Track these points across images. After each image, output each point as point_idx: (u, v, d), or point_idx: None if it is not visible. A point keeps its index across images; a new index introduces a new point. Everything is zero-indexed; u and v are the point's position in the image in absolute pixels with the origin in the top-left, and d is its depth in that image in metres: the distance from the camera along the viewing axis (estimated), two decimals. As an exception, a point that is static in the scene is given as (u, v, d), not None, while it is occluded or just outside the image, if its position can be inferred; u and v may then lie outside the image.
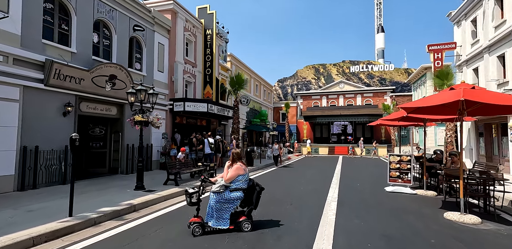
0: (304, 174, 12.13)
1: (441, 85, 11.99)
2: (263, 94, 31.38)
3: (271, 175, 11.67)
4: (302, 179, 10.34)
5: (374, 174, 11.93)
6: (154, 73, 12.20)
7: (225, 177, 4.52)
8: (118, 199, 6.28)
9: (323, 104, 32.75)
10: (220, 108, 14.49)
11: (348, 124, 31.11)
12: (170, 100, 12.95)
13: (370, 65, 37.29)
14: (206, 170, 9.87)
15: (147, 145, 11.48)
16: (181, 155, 9.30)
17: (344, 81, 33.60)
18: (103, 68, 9.09)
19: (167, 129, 12.88)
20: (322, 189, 8.15)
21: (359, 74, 42.85)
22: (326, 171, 12.94)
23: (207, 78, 15.33)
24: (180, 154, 9.28)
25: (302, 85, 45.38)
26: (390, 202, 6.64)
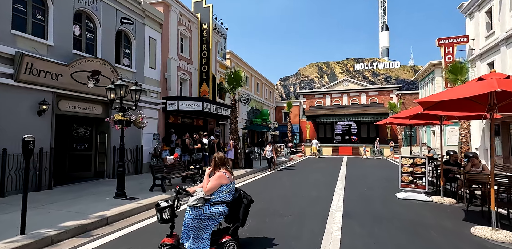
0: (306, 177, 11.26)
1: (454, 80, 11.04)
2: (265, 93, 30.53)
3: (270, 179, 10.82)
4: (303, 184, 9.47)
5: (382, 177, 11.01)
6: (145, 69, 11.42)
7: (205, 188, 3.69)
8: (91, 209, 5.48)
9: (326, 103, 31.81)
10: (217, 107, 13.68)
11: (353, 123, 30.13)
12: (163, 98, 12.16)
13: (375, 62, 36.19)
14: (199, 174, 9.06)
15: (137, 146, 10.70)
16: (171, 158, 8.49)
17: (348, 79, 32.64)
18: (84, 62, 8.32)
19: (160, 129, 12.09)
20: (325, 196, 7.28)
21: (363, 72, 41.73)
22: (330, 174, 12.05)
23: (204, 75, 14.53)
24: (170, 157, 8.47)
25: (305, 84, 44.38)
26: (404, 212, 5.75)
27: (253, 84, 26.81)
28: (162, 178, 7.45)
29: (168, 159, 8.39)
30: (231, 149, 12.90)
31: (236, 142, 13.60)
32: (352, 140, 29.60)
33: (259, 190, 8.29)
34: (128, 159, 10.23)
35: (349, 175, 11.76)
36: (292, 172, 13.12)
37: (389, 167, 15.44)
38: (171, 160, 8.45)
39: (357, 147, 26.23)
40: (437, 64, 22.05)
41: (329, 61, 44.55)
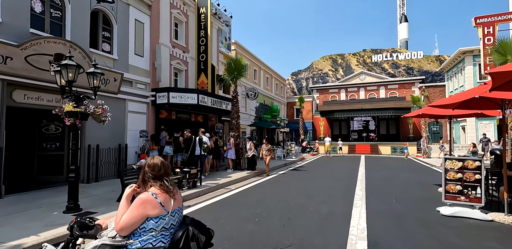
0: (318, 181, 9.45)
1: (503, 62, 8.90)
2: (275, 88, 28.72)
3: (274, 183, 9.10)
4: (313, 191, 7.69)
5: (412, 182, 9.06)
6: (130, 57, 9.92)
7: (116, 224, 2.00)
8: (15, 233, 3.98)
9: (341, 98, 29.62)
10: (215, 100, 12.05)
11: (370, 119, 27.81)
12: (152, 90, 10.65)
13: (395, 53, 33.43)
14: (186, 178, 7.47)
15: (120, 145, 9.23)
16: (142, 162, 6.91)
17: (365, 72, 30.26)
18: (43, 44, 6.86)
19: (149, 125, 10.60)
20: (341, 211, 5.50)
21: (382, 64, 38.89)
22: (347, 177, 10.18)
23: (202, 65, 12.94)
24: (142, 161, 6.89)
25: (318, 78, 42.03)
26: (458, 241, 3.90)
27: (262, 78, 25.06)
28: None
29: (142, 161, 6.81)
30: (231, 148, 11.28)
31: (238, 140, 11.96)
32: (370, 137, 27.33)
33: (256, 199, 6.61)
34: (108, 161, 8.80)
35: (370, 178, 9.86)
36: (301, 174, 11.33)
37: (416, 168, 13.34)
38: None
39: (375, 145, 24.03)
40: (467, 52, 19.52)
41: (344, 53, 41.78)
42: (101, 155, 8.51)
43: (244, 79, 21.06)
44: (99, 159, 8.42)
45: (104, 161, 8.64)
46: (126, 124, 9.62)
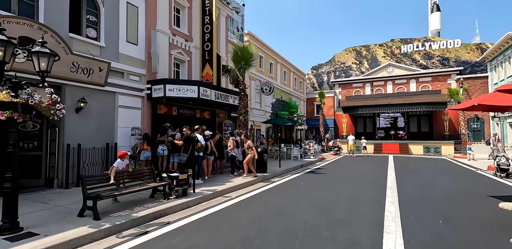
0: (337, 189, 7.81)
1: None
2: (293, 83, 26.97)
3: (283, 191, 7.58)
4: (330, 204, 6.10)
5: (460, 192, 7.18)
6: (121, 44, 8.78)
7: None
8: None
9: (366, 92, 27.27)
10: (221, 93, 10.69)
11: (399, 115, 25.30)
12: (148, 82, 9.48)
13: (428, 42, 30.14)
14: (173, 185, 6.15)
15: (108, 145, 8.13)
16: (121, 162, 5.62)
17: (393, 64, 27.61)
18: (2, 24, 5.79)
19: (144, 122, 9.44)
20: (367, 241, 3.91)
21: (412, 54, 35.48)
22: (373, 184, 8.44)
23: (206, 55, 11.61)
24: (119, 161, 5.61)
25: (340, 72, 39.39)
26: None
27: (279, 71, 23.44)
28: (94, 197, 4.65)
29: (117, 164, 5.53)
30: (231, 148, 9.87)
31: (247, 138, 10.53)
32: (399, 135, 24.87)
33: (255, 214, 5.16)
34: (93, 162, 7.72)
35: (403, 186, 8.06)
36: (318, 178, 9.70)
37: (458, 172, 11.22)
38: (121, 163, 5.57)
39: (405, 144, 21.67)
40: (519, 35, 16.71)
41: (370, 44, 38.71)
42: (83, 155, 7.44)
43: (259, 73, 19.60)
44: (81, 160, 7.34)
45: (87, 162, 7.57)
46: (116, 121, 8.52)
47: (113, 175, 5.30)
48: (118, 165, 5.51)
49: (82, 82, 7.44)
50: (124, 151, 5.62)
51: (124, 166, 5.63)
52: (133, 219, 4.71)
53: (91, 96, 7.77)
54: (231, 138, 9.84)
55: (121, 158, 5.62)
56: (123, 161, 5.57)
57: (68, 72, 7.05)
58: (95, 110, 7.92)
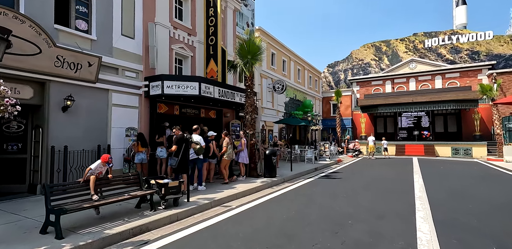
0: (354, 198, 6.69)
1: None
2: (308, 81, 25.77)
3: (290, 201, 6.56)
4: (345, 218, 5.04)
5: (504, 203, 5.88)
6: (115, 38, 8.11)
7: None
8: None
9: (386, 90, 25.61)
10: (225, 91, 9.83)
11: (423, 115, 23.52)
12: (146, 79, 8.77)
13: (455, 35, 27.85)
14: (161, 194, 5.31)
15: (100, 147, 7.44)
16: (98, 167, 4.79)
17: (416, 60, 25.76)
18: (-29, 13, 5.20)
19: (142, 122, 8.73)
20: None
21: (438, 49, 33.05)
22: (398, 193, 7.25)
23: (211, 50, 10.81)
24: (98, 163, 4.78)
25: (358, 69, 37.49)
26: None
27: (292, 69, 22.36)
28: (57, 210, 3.87)
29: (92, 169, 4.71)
30: (242, 150, 8.97)
31: (253, 140, 9.63)
32: (423, 136, 23.10)
33: (253, 230, 4.20)
34: (83, 166, 7.03)
35: (435, 195, 6.82)
36: (333, 184, 8.59)
37: (496, 177, 9.70)
38: (99, 169, 4.76)
39: (431, 145, 19.96)
40: None
41: (390, 39, 36.46)
42: (71, 159, 6.78)
43: (271, 71, 18.64)
44: (68, 164, 6.68)
45: (76, 166, 6.90)
46: (110, 120, 7.84)
47: (93, 186, 4.51)
48: (95, 169, 4.68)
49: (69, 78, 6.79)
50: (108, 155, 4.82)
51: (103, 171, 4.82)
52: (104, 237, 3.89)
53: (81, 94, 7.12)
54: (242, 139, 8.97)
55: (103, 161, 4.80)
56: (103, 166, 4.77)
57: (53, 67, 6.41)
58: (85, 108, 7.27)
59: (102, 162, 4.71)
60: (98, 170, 4.70)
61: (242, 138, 9.10)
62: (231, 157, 8.09)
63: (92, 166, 4.65)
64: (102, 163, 4.71)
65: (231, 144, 8.17)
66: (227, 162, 8.10)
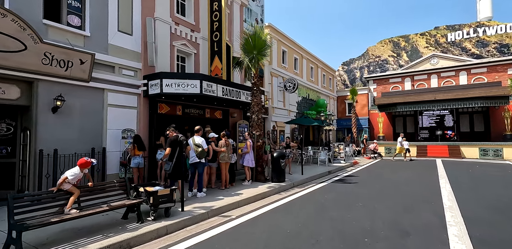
0: (371, 209, 5.85)
1: None
2: (322, 80, 24.79)
3: (297, 210, 5.80)
4: (362, 235, 4.25)
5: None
6: (111, 34, 7.65)
7: None
8: None
9: (405, 88, 24.20)
10: (230, 89, 9.20)
11: (447, 113, 22.00)
12: (144, 78, 8.27)
13: (481, 27, 25.93)
14: (149, 204, 4.72)
15: (94, 150, 6.97)
16: (76, 174, 4.22)
17: (438, 55, 24.19)
18: None
19: (141, 123, 8.23)
20: None
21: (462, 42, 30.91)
22: (424, 202, 6.33)
23: (215, 46, 10.22)
24: (75, 170, 4.22)
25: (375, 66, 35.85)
26: None
27: (305, 67, 21.49)
28: (18, 226, 3.33)
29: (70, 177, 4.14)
30: (248, 152, 8.30)
31: (260, 141, 8.94)
32: (447, 136, 21.59)
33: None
34: (75, 170, 6.57)
35: (468, 206, 5.86)
36: (348, 191, 7.72)
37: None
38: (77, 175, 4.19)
39: (456, 146, 18.53)
40: None
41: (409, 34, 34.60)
42: (62, 163, 6.33)
43: (282, 69, 17.89)
44: (58, 168, 6.23)
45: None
46: (105, 122, 7.37)
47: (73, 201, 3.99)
48: (73, 177, 4.15)
49: (59, 76, 6.36)
50: (85, 159, 4.27)
51: (81, 178, 4.28)
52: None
53: (72, 93, 6.68)
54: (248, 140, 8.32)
55: (81, 167, 4.27)
56: (81, 172, 4.23)
57: (40, 65, 5.98)
58: (78, 109, 6.83)
59: (80, 168, 4.17)
60: (77, 178, 4.16)
61: (248, 140, 8.44)
62: (225, 160, 7.43)
63: (68, 174, 4.09)
64: (81, 169, 4.17)
65: (227, 146, 7.50)
66: (223, 166, 7.45)
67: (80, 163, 4.17)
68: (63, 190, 4.00)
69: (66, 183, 4.05)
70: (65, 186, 4.03)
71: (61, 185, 4.00)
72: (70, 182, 4.08)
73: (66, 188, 4.03)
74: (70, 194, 4.06)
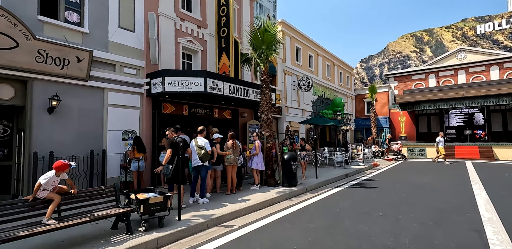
0: (394, 220, 5.07)
1: None
2: (339, 78, 23.79)
3: (309, 220, 5.12)
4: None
5: None
6: (111, 31, 7.33)
7: None
8: None
9: (430, 85, 22.72)
10: (237, 87, 8.67)
11: (476, 111, 20.40)
12: (147, 76, 7.89)
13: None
14: (140, 213, 4.24)
15: (93, 152, 6.63)
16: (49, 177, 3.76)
17: (466, 49, 22.51)
18: None
19: (144, 124, 7.85)
20: None
21: (493, 35, 28.59)
22: (455, 210, 5.46)
23: (223, 42, 9.73)
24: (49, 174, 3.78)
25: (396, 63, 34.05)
26: None
27: (320, 65, 20.63)
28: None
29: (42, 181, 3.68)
30: (256, 154, 7.71)
31: (270, 142, 8.33)
32: (477, 136, 19.99)
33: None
34: (73, 174, 6.27)
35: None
36: (367, 197, 6.93)
37: None
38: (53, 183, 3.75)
39: (488, 146, 17.01)
40: None
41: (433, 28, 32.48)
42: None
43: (296, 67, 17.18)
44: (54, 171, 5.91)
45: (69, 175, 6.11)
46: (106, 123, 7.04)
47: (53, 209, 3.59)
48: (46, 181, 3.65)
49: (55, 75, 6.07)
50: (62, 161, 3.83)
51: (58, 182, 3.83)
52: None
53: (70, 93, 6.38)
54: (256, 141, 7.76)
55: (57, 170, 3.79)
56: (57, 177, 3.78)
57: (34, 63, 5.70)
58: (76, 109, 6.52)
59: (55, 171, 3.73)
60: (53, 184, 3.74)
61: (256, 141, 7.85)
62: (231, 163, 6.87)
63: (42, 179, 3.66)
64: (56, 172, 3.73)
65: (234, 148, 6.94)
66: (229, 169, 6.90)
67: (56, 166, 3.73)
68: (40, 199, 3.58)
69: (43, 191, 3.63)
70: (41, 194, 3.61)
71: (36, 192, 3.59)
72: (46, 189, 3.66)
73: (42, 196, 3.61)
74: (50, 202, 3.64)
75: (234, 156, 6.95)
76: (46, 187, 3.66)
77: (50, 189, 3.70)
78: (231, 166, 6.92)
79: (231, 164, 6.90)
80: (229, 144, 6.92)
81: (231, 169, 6.93)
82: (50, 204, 3.64)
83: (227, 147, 6.86)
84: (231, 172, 6.93)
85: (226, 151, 6.79)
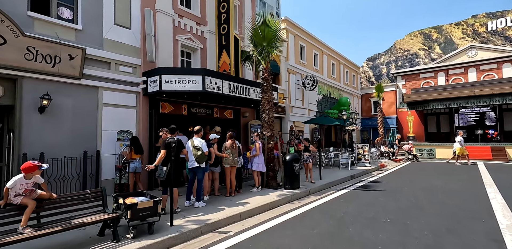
0: (404, 228, 4.69)
1: None
2: (344, 77, 23.30)
3: (310, 226, 4.77)
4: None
5: None
6: (106, 27, 7.09)
7: None
8: None
9: (439, 83, 22.06)
10: (237, 85, 8.36)
11: (488, 110, 19.71)
12: (144, 74, 7.64)
13: (527, 13, 23.07)
14: (128, 218, 3.96)
15: (86, 153, 6.40)
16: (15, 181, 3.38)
17: (477, 46, 21.78)
18: None
19: (140, 124, 7.60)
20: None
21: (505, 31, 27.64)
22: (470, 216, 5.05)
23: (223, 40, 9.44)
24: (16, 177, 3.44)
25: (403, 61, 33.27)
26: None
27: (325, 64, 20.20)
28: None
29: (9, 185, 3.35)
30: (257, 155, 7.38)
31: (271, 143, 8.00)
32: (489, 136, 19.31)
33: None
34: (65, 176, 6.06)
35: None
36: (373, 201, 6.54)
37: None
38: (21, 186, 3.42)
39: (501, 147, 16.37)
40: None
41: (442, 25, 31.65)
42: (50, 168, 5.80)
43: (300, 65, 16.80)
44: (45, 174, 5.70)
45: (56, 176, 5.92)
46: (100, 123, 6.80)
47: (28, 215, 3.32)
48: (12, 183, 3.31)
49: (46, 73, 5.85)
50: (31, 162, 3.49)
51: (30, 186, 3.49)
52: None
53: (62, 92, 6.16)
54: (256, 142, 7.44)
55: (26, 172, 3.41)
56: (29, 180, 3.47)
57: (23, 61, 5.49)
58: (69, 109, 6.29)
59: (24, 173, 3.43)
60: (22, 187, 3.43)
61: (257, 141, 7.52)
62: (230, 164, 6.56)
63: (8, 183, 3.34)
64: (25, 174, 3.43)
65: (233, 148, 6.62)
66: (228, 171, 6.59)
67: (23, 167, 3.39)
68: (13, 204, 3.32)
69: (16, 196, 3.36)
70: (15, 200, 3.34)
71: (7, 198, 3.32)
72: (18, 193, 3.38)
73: (17, 202, 3.35)
74: (25, 208, 3.37)
75: (233, 157, 6.64)
76: (17, 192, 3.38)
77: (21, 193, 3.41)
78: (229, 168, 6.62)
79: (229, 166, 6.59)
80: (228, 144, 6.62)
81: (229, 170, 6.63)
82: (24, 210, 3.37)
83: (226, 148, 6.56)
84: (230, 173, 6.63)
85: (225, 152, 6.48)
